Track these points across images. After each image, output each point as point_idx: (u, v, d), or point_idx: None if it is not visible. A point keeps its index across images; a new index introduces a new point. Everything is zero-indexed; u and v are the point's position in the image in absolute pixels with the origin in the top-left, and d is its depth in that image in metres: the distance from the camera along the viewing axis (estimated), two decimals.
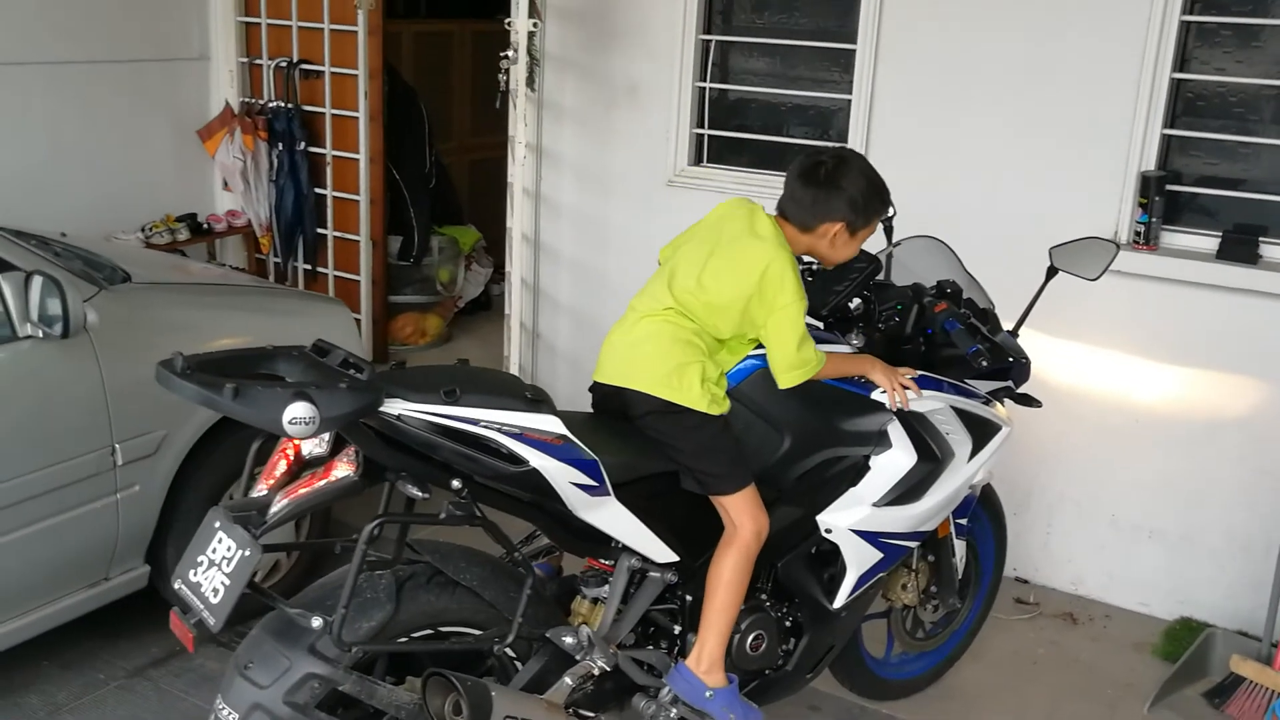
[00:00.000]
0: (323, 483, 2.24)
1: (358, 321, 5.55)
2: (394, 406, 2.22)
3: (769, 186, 4.55)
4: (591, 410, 2.79)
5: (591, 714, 2.64)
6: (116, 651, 3.52)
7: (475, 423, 2.28)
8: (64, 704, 3.29)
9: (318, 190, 5.81)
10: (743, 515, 2.63)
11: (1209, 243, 3.91)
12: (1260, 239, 3.83)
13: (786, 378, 2.67)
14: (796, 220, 2.71)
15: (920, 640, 3.51)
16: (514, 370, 5.02)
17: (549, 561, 2.91)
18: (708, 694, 2.66)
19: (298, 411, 2.02)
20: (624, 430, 2.65)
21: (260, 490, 2.32)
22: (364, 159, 5.65)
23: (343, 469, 2.24)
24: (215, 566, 2.21)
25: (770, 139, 4.70)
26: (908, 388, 2.83)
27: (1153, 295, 3.96)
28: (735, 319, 2.66)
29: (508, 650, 2.52)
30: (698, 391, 2.59)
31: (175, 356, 2.09)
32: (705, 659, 2.66)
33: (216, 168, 5.86)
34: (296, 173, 5.76)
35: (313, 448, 2.32)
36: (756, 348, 2.74)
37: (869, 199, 2.70)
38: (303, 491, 2.25)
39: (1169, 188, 3.91)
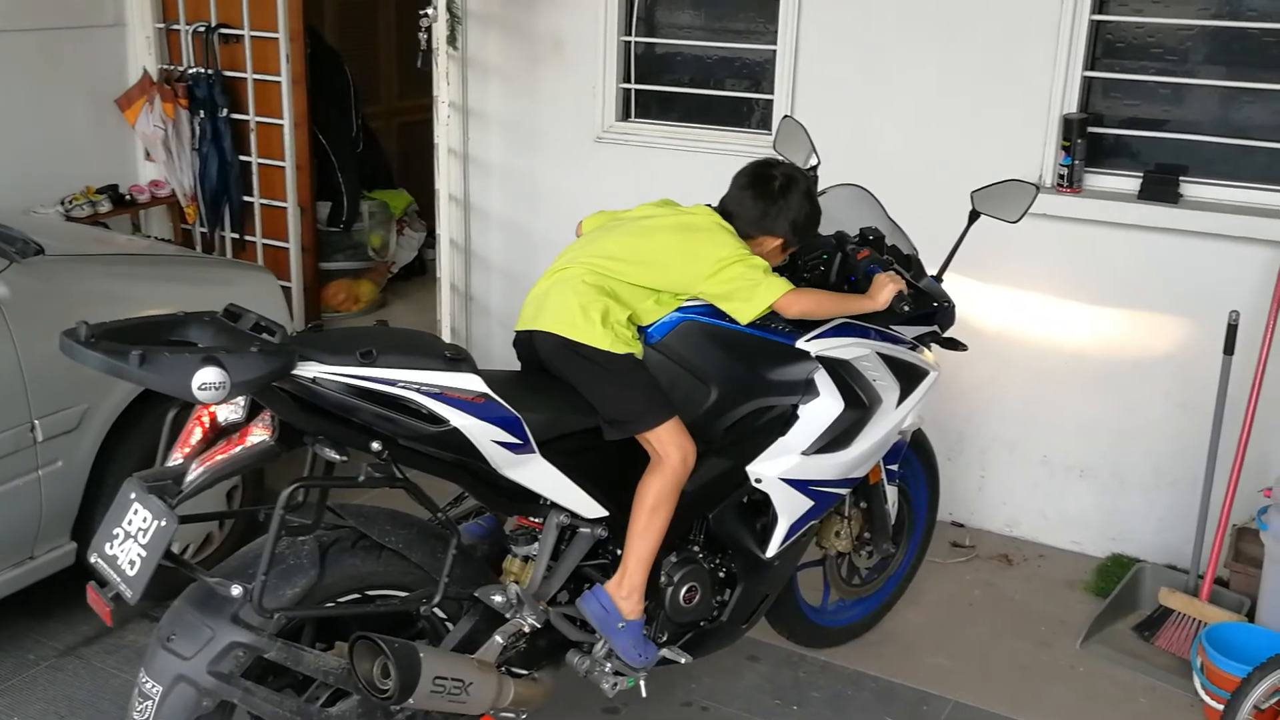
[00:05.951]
0: (239, 449, 2.21)
1: (287, 290, 5.46)
2: (308, 369, 2.18)
3: (698, 140, 4.55)
4: (519, 364, 2.78)
5: (525, 671, 2.64)
6: (46, 631, 3.47)
7: (393, 383, 2.26)
8: None
9: (242, 157, 5.69)
10: (667, 445, 2.62)
11: (1131, 183, 3.94)
12: (1181, 178, 3.87)
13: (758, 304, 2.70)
14: (738, 226, 2.82)
15: (856, 586, 3.54)
16: (447, 333, 4.97)
17: (490, 516, 2.88)
18: (620, 624, 2.66)
19: (207, 377, 1.99)
20: (548, 386, 2.63)
21: (176, 459, 2.28)
22: (288, 124, 5.53)
23: (259, 434, 2.21)
24: (131, 538, 2.18)
25: (698, 92, 4.67)
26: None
27: (1077, 237, 3.99)
28: (672, 284, 2.72)
29: (438, 611, 2.51)
30: (599, 330, 2.59)
31: (79, 325, 2.04)
32: (626, 584, 2.65)
33: (137, 137, 5.72)
34: (220, 140, 5.63)
35: (228, 414, 2.29)
36: (688, 300, 2.74)
37: (809, 224, 2.88)
38: (219, 458, 2.22)
39: (1091, 130, 3.94)
